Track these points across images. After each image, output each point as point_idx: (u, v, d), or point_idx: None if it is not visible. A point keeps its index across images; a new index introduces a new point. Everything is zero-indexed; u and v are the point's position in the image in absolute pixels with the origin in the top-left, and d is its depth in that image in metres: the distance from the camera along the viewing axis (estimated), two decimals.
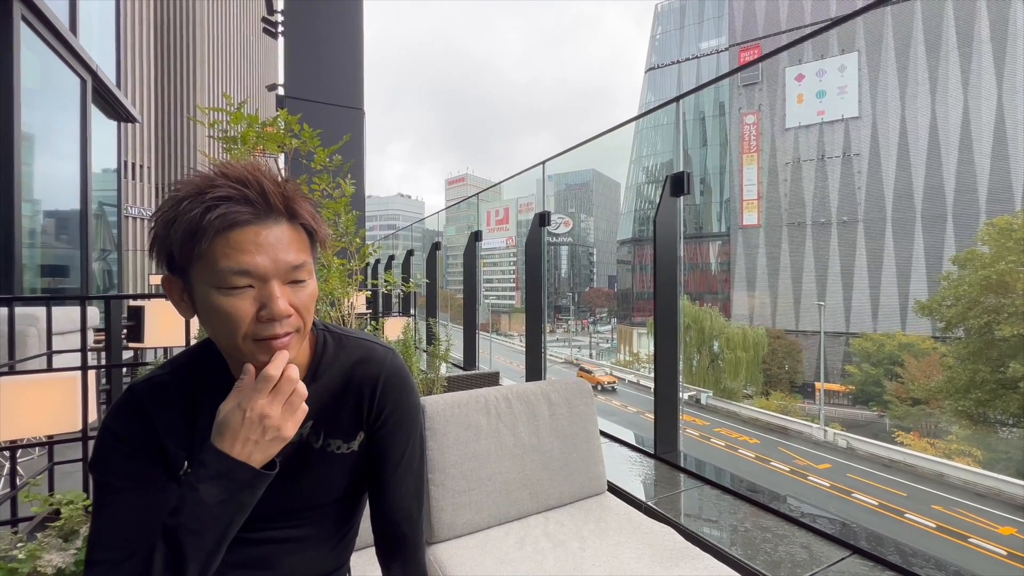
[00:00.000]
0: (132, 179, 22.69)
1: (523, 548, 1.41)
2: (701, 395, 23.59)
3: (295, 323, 0.63)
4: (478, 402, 1.59)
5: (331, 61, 5.68)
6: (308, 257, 0.65)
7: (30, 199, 3.95)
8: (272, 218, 0.62)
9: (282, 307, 0.61)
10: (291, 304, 0.62)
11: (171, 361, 0.72)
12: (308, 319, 0.66)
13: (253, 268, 0.59)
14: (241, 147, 1.89)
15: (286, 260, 0.61)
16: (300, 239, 0.64)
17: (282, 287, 0.62)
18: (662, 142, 38.70)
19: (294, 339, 0.64)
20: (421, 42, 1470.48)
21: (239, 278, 0.59)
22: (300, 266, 0.63)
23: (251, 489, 0.61)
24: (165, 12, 28.32)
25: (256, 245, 0.59)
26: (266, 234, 0.60)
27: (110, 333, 2.42)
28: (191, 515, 0.58)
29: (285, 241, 0.62)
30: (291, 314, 0.62)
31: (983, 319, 16.22)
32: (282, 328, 0.62)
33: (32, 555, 1.22)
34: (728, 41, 36.50)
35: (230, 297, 0.59)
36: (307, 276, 0.65)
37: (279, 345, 0.62)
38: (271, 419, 0.60)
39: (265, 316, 0.60)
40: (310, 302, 0.66)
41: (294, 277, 0.63)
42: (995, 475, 13.68)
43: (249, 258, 0.59)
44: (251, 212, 0.60)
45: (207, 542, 0.59)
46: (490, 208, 52.21)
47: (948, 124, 23.82)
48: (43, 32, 3.86)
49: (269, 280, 0.60)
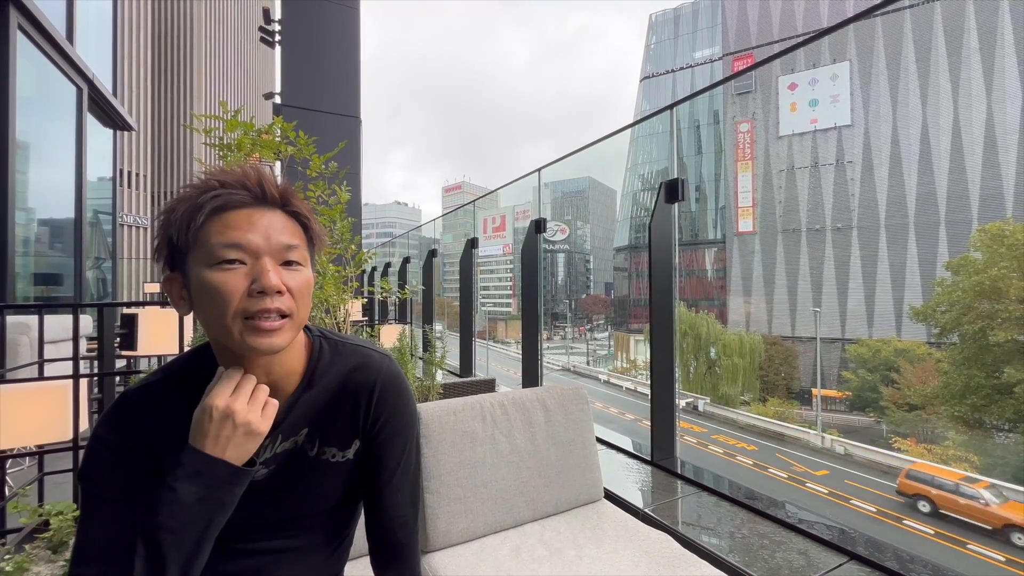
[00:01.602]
0: (128, 187, 22.65)
1: (519, 556, 1.40)
2: (698, 402, 23.55)
3: (287, 304, 0.62)
4: (474, 409, 1.58)
5: (328, 70, 5.72)
6: (303, 245, 0.66)
7: (24, 207, 3.93)
8: (267, 205, 0.64)
9: (273, 280, 0.60)
10: (285, 284, 0.62)
11: (165, 368, 0.72)
12: (301, 307, 0.65)
13: (245, 243, 0.60)
14: (237, 154, 1.89)
15: (279, 239, 0.63)
16: (295, 228, 0.66)
17: (274, 265, 0.62)
18: (657, 150, 38.98)
19: (286, 325, 0.63)
20: (425, 53, 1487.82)
21: (231, 251, 0.60)
22: (294, 247, 0.64)
23: (229, 486, 0.61)
24: (162, 20, 28.43)
25: (250, 224, 0.61)
26: (259, 216, 0.62)
27: (103, 341, 2.40)
28: (168, 514, 0.58)
29: (279, 225, 0.64)
30: (283, 291, 0.62)
31: (977, 324, 16.31)
32: (273, 303, 0.61)
33: (20, 567, 1.20)
34: (722, 50, 36.93)
35: (222, 272, 0.60)
36: (302, 262, 0.65)
37: (268, 327, 0.61)
38: (237, 414, 0.61)
39: (255, 289, 0.60)
40: (304, 288, 0.65)
41: (287, 257, 0.64)
42: (993, 481, 13.68)
43: (241, 234, 0.61)
44: (247, 196, 0.62)
45: (186, 542, 0.59)
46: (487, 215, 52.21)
47: (939, 132, 24.10)
48: (39, 40, 3.87)
49: (261, 256, 0.61)
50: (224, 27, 33.87)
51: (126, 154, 22.31)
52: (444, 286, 25.54)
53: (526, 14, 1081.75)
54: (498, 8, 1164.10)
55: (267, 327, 0.61)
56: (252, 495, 0.70)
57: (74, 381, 1.71)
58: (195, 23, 29.84)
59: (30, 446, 1.79)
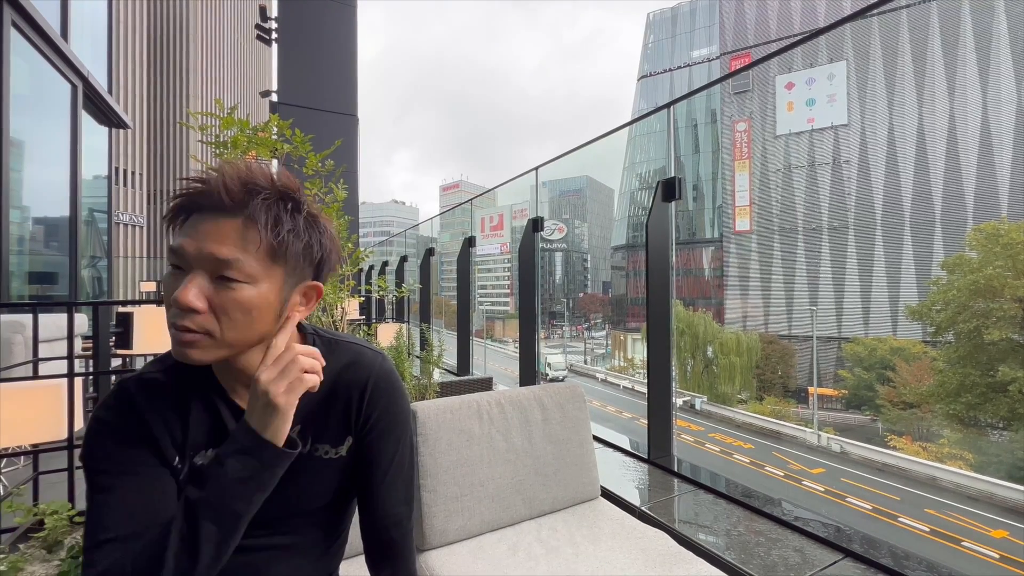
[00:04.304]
0: (123, 186, 22.53)
1: (516, 554, 1.40)
2: (695, 400, 23.62)
3: (204, 323, 0.58)
4: (470, 407, 1.58)
5: (324, 68, 5.69)
6: (248, 259, 0.59)
7: (19, 206, 3.91)
8: (225, 211, 0.60)
9: (184, 297, 0.57)
10: (209, 301, 0.58)
11: (162, 359, 0.71)
12: (229, 328, 0.60)
13: (178, 248, 0.60)
14: (233, 152, 1.89)
15: (210, 251, 0.58)
16: (247, 239, 0.60)
17: (201, 280, 0.58)
18: (655, 149, 39.02)
19: (205, 342, 0.59)
20: (435, 53, 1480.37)
21: (171, 256, 0.60)
22: (228, 262, 0.58)
23: (271, 468, 0.62)
24: (158, 18, 28.27)
25: (194, 230, 0.60)
26: (206, 223, 0.60)
27: (98, 340, 2.38)
28: (214, 489, 0.58)
29: (223, 234, 0.59)
30: (198, 310, 0.58)
31: (972, 323, 16.41)
32: (182, 321, 0.58)
33: (14, 566, 1.20)
34: (719, 50, 36.99)
35: (168, 276, 0.61)
36: (241, 279, 0.59)
37: (184, 340, 0.59)
38: (260, 384, 0.61)
39: (170, 301, 0.59)
40: (235, 309, 0.59)
41: (220, 273, 0.59)
42: (986, 478, 13.78)
43: (182, 240, 0.60)
44: (206, 200, 0.60)
45: (226, 521, 0.59)
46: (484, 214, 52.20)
47: (935, 131, 24.22)
48: (33, 37, 3.84)
49: (191, 268, 0.59)
50: (220, 24, 33.71)
51: (121, 152, 22.19)
52: (441, 285, 25.51)
53: (539, 16, 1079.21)
54: (511, 9, 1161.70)
55: (183, 340, 0.59)
56: None
57: (69, 380, 1.70)
58: (191, 20, 29.67)
59: (25, 445, 1.78)
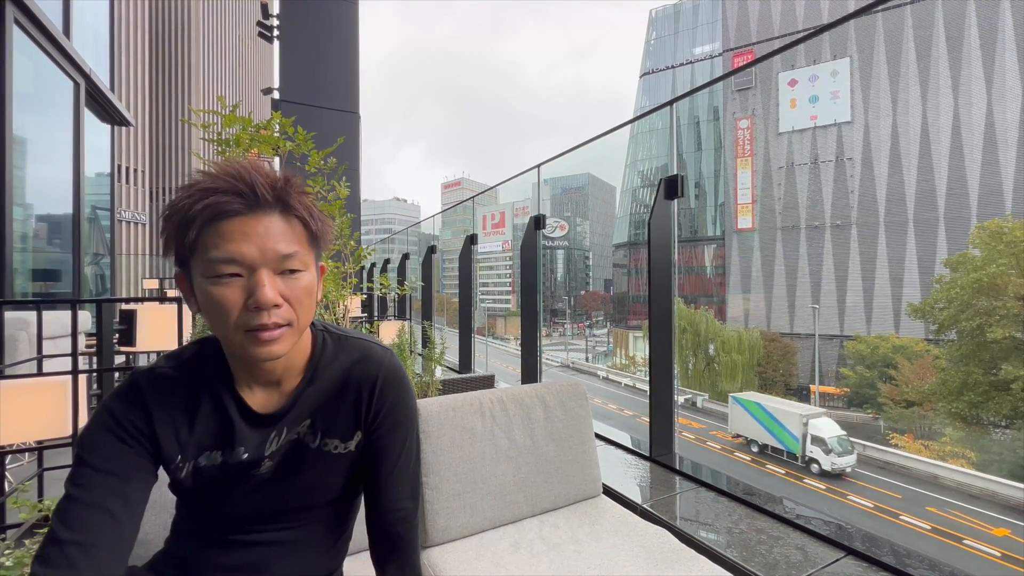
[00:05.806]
0: (126, 183, 22.56)
1: (518, 551, 1.40)
2: (697, 398, 23.62)
3: (285, 315, 0.62)
4: (473, 405, 1.59)
5: (326, 65, 5.68)
6: (302, 249, 0.64)
7: (22, 203, 3.92)
8: (262, 210, 0.62)
9: (268, 295, 0.60)
10: (282, 295, 0.62)
11: (175, 354, 0.72)
12: (303, 313, 0.65)
13: (240, 256, 0.59)
14: (235, 149, 1.89)
15: (275, 249, 0.61)
16: (293, 231, 0.64)
17: (271, 277, 0.61)
18: (657, 146, 38.88)
19: (286, 333, 0.63)
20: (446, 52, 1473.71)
21: (226, 266, 0.59)
22: (291, 255, 0.62)
23: None
24: (160, 15, 28.26)
25: (243, 234, 0.60)
26: (255, 224, 0.61)
27: (101, 337, 2.39)
28: None
29: (275, 231, 0.62)
30: (280, 304, 0.61)
31: (975, 321, 16.34)
32: (270, 318, 0.61)
33: (20, 562, 1.20)
34: (722, 46, 36.77)
35: (220, 286, 0.60)
36: (301, 268, 0.64)
37: (267, 337, 0.61)
38: None
39: (252, 305, 0.60)
40: (304, 295, 0.64)
41: (285, 267, 0.62)
42: (988, 476, 13.75)
43: (236, 246, 0.59)
44: (240, 203, 0.60)
45: None
46: (486, 212, 52.23)
47: (939, 129, 24.07)
48: (36, 35, 3.84)
49: (257, 269, 0.60)
50: (222, 22, 33.68)
51: (124, 149, 22.22)
52: (443, 282, 25.49)
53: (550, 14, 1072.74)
54: (522, 7, 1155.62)
55: (266, 338, 0.61)
56: (254, 486, 0.71)
57: (73, 377, 1.71)
58: (193, 17, 29.65)
59: (29, 442, 1.79)
